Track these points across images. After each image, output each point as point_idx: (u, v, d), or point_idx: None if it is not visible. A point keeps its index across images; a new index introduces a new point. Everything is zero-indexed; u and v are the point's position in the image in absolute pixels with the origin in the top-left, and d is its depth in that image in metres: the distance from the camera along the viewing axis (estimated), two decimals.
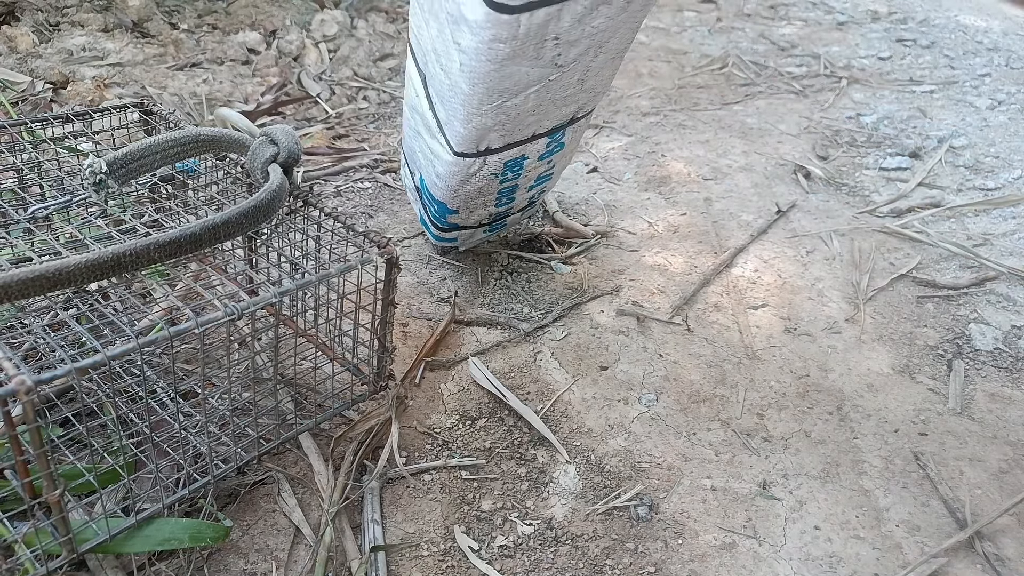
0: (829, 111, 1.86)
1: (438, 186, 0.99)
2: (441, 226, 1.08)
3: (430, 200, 1.04)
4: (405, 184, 1.15)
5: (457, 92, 0.86)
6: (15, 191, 0.79)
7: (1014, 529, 0.77)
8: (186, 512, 0.71)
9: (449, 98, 0.88)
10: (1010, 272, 1.19)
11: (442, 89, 0.88)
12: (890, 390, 0.95)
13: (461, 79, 0.84)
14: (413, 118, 1.00)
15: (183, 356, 0.87)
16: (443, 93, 0.88)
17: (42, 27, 1.78)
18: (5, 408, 0.50)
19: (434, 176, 0.99)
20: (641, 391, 0.93)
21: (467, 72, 0.83)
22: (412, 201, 1.15)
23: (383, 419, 0.83)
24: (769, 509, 0.78)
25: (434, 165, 0.97)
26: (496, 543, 0.73)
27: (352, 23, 2.15)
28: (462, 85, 0.85)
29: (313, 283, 0.67)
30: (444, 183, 0.98)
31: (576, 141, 1.05)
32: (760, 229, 1.30)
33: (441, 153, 0.95)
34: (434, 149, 0.96)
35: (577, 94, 0.91)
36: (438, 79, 0.88)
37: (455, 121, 0.89)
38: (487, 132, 0.90)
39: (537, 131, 0.94)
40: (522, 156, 0.97)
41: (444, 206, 1.02)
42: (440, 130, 0.93)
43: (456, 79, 0.85)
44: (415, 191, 1.10)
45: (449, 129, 0.91)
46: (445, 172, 0.96)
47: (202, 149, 0.76)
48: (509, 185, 1.03)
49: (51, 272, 0.54)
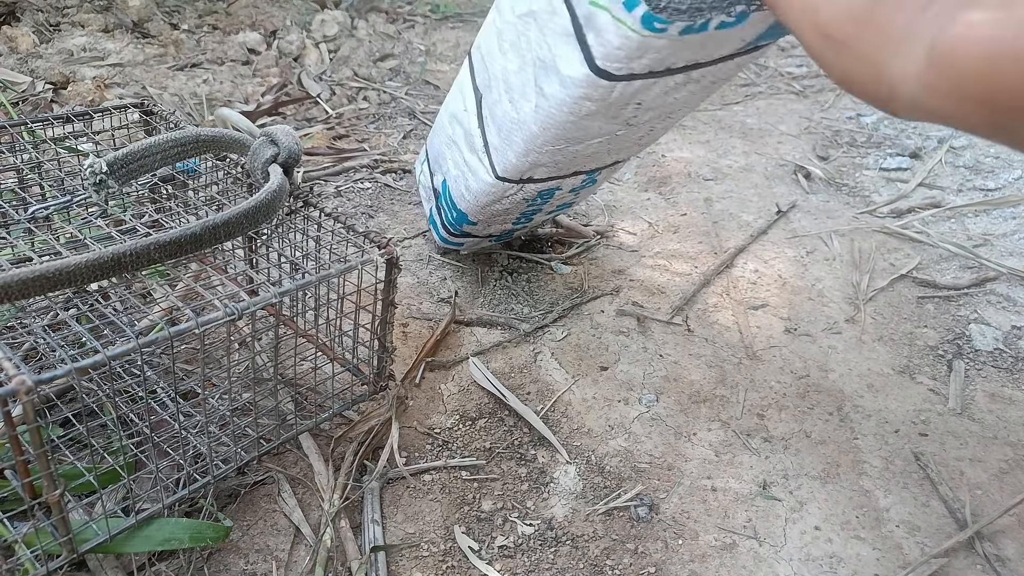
0: (829, 111, 1.87)
1: (465, 198, 0.99)
2: (454, 232, 1.08)
3: (450, 207, 1.03)
4: (419, 181, 1.14)
5: (522, 129, 0.86)
6: (15, 191, 0.79)
7: (1014, 529, 0.77)
8: (186, 512, 0.71)
9: (510, 130, 0.87)
10: (1010, 272, 1.19)
11: (504, 120, 0.87)
12: (890, 390, 0.95)
13: (532, 120, 0.84)
14: (452, 127, 0.99)
15: (183, 356, 0.87)
16: (503, 123, 0.88)
17: (42, 27, 1.78)
18: (5, 408, 0.50)
19: (463, 189, 0.98)
20: (641, 391, 0.93)
21: (542, 116, 0.82)
22: (424, 199, 1.14)
23: (383, 419, 0.83)
24: (769, 509, 0.78)
25: (467, 179, 0.97)
26: (496, 543, 0.73)
27: (352, 23, 2.15)
28: (531, 126, 0.84)
29: (313, 283, 0.67)
30: (474, 198, 0.97)
31: (605, 179, 1.06)
32: (760, 229, 1.30)
33: (480, 172, 0.94)
34: (472, 165, 0.95)
35: (631, 147, 0.93)
36: (502, 108, 0.87)
37: (509, 152, 0.89)
38: (538, 167, 0.90)
39: (580, 169, 0.94)
40: (557, 187, 0.98)
41: (465, 217, 1.02)
42: (486, 151, 0.92)
43: (526, 118, 0.84)
44: (431, 191, 1.10)
45: (498, 155, 0.91)
46: (479, 190, 0.96)
47: (202, 149, 0.76)
48: (534, 208, 1.04)
49: (51, 272, 0.54)
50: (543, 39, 0.79)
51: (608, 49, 0.73)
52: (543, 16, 0.79)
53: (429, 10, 2.42)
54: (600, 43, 0.73)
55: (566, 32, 0.76)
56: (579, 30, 0.75)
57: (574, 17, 0.75)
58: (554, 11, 0.77)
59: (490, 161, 0.92)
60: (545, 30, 0.79)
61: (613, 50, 0.73)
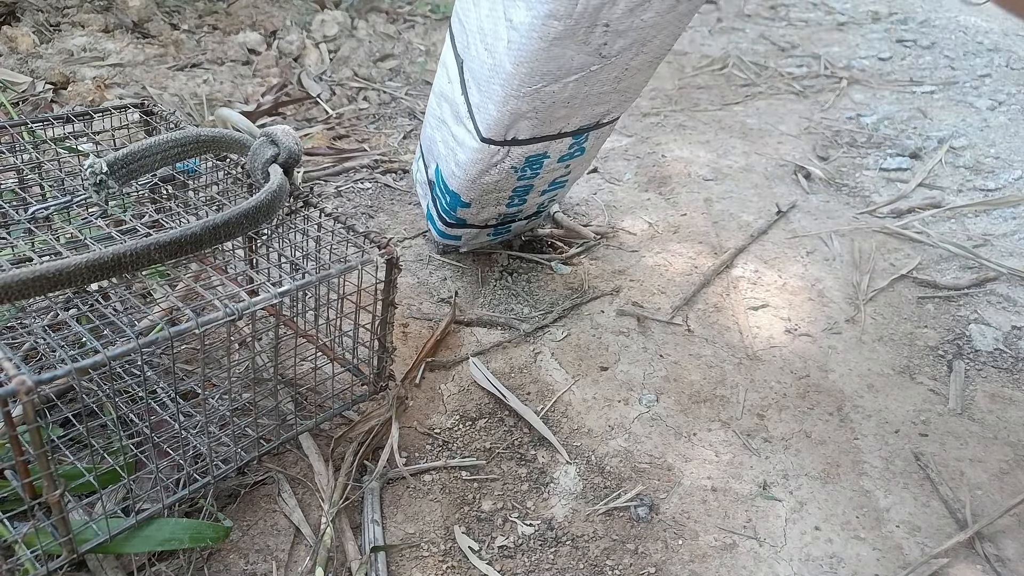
0: (829, 112, 1.87)
1: (456, 175, 1.01)
2: (449, 220, 1.08)
3: (443, 191, 1.05)
4: (415, 179, 1.16)
5: (499, 72, 0.88)
6: (16, 191, 0.79)
7: (1015, 530, 0.77)
8: (186, 512, 0.71)
9: (488, 79, 0.90)
10: (1010, 273, 1.19)
11: (482, 71, 0.90)
12: (890, 391, 0.95)
13: (506, 58, 0.86)
14: (440, 106, 1.02)
15: (183, 356, 0.87)
16: (482, 75, 0.90)
17: (43, 27, 1.78)
18: (5, 408, 0.50)
19: (453, 165, 1.00)
20: (641, 391, 0.93)
21: (514, 49, 0.85)
22: (421, 196, 1.15)
23: (383, 419, 0.83)
24: (769, 510, 0.78)
25: (455, 153, 0.99)
26: (496, 543, 0.73)
27: (352, 23, 2.15)
28: (506, 64, 0.87)
29: (313, 283, 0.67)
30: (463, 172, 0.99)
31: (596, 150, 1.07)
32: (760, 230, 1.30)
33: (466, 139, 0.96)
34: (459, 136, 0.98)
35: (611, 93, 0.93)
36: (479, 60, 0.90)
37: (490, 103, 0.91)
38: (520, 118, 0.91)
39: (564, 128, 0.96)
40: (544, 154, 0.99)
41: (458, 197, 1.03)
42: (470, 115, 0.95)
43: (500, 58, 0.87)
44: (427, 185, 1.12)
45: (481, 113, 0.93)
46: (467, 160, 0.98)
47: (202, 149, 0.76)
48: (525, 184, 1.04)
49: (52, 272, 0.54)
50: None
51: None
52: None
53: (429, 10, 2.42)
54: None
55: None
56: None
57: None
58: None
59: (475, 125, 0.94)
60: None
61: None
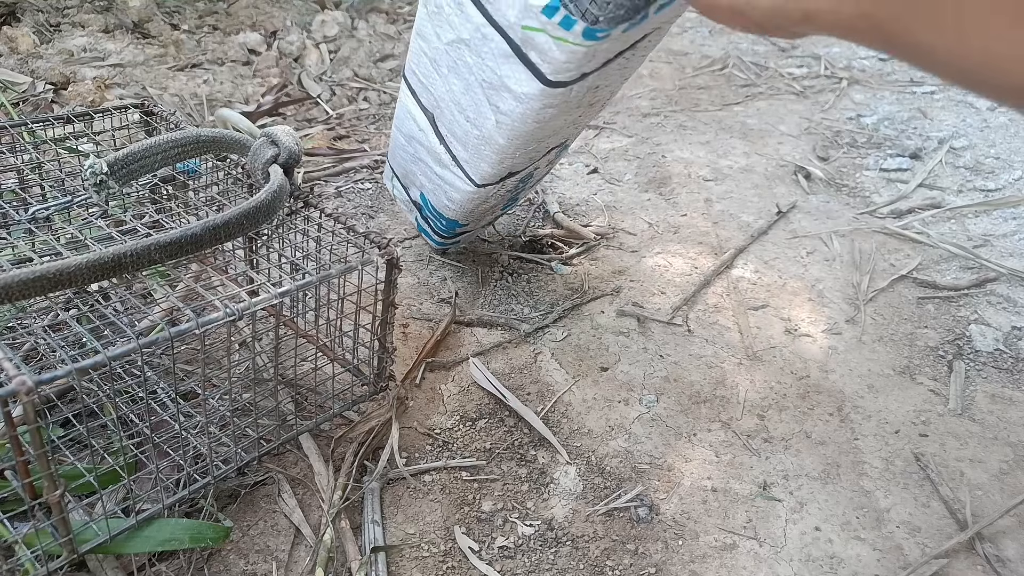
0: (829, 112, 1.87)
1: (450, 208, 0.98)
2: (447, 236, 1.08)
3: (437, 217, 1.03)
4: (394, 195, 1.12)
5: (489, 143, 0.84)
6: (16, 192, 0.79)
7: (1015, 530, 0.77)
8: (186, 513, 0.71)
9: (477, 146, 0.86)
10: (1011, 273, 1.19)
11: (468, 137, 0.86)
12: (891, 391, 0.95)
13: (497, 134, 0.82)
14: (412, 146, 0.97)
15: (184, 357, 0.87)
16: (468, 140, 0.86)
17: (43, 28, 1.78)
18: (6, 408, 0.50)
19: (445, 200, 0.97)
20: (641, 392, 0.93)
21: (506, 130, 0.81)
22: (406, 211, 1.13)
23: (383, 420, 0.83)
24: (769, 510, 0.78)
25: (446, 191, 0.96)
26: (496, 544, 0.73)
27: (353, 24, 2.15)
28: (498, 139, 0.83)
29: (314, 284, 0.67)
30: (459, 207, 0.97)
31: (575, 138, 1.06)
32: (760, 230, 1.30)
33: (457, 183, 0.93)
34: (446, 178, 0.94)
35: (597, 113, 0.93)
36: (461, 128, 0.86)
37: (482, 163, 0.88)
38: (515, 165, 0.89)
39: (552, 146, 0.94)
40: (535, 168, 0.98)
41: (455, 223, 1.02)
42: (457, 164, 0.91)
43: (490, 133, 0.83)
44: (410, 203, 1.09)
45: (471, 167, 0.89)
46: (461, 199, 0.95)
47: (203, 150, 0.77)
48: (519, 191, 1.05)
49: (52, 273, 0.54)
50: (482, 63, 0.77)
51: (556, 65, 0.72)
52: (475, 43, 0.77)
53: None
54: (546, 61, 0.72)
55: (505, 54, 0.75)
56: (518, 51, 0.73)
57: (509, 40, 0.73)
58: (485, 37, 0.75)
59: (464, 173, 0.91)
60: (482, 54, 0.77)
61: (561, 64, 0.72)
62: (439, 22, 0.79)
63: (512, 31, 0.72)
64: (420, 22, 0.84)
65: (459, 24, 0.77)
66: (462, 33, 0.77)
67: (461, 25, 0.76)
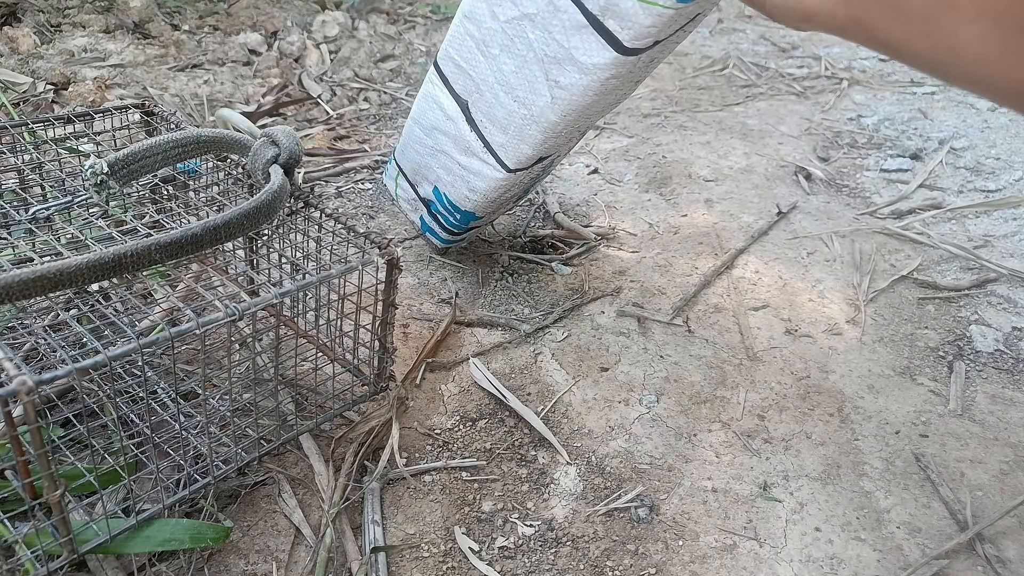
0: (830, 113, 1.87)
1: (471, 199, 0.99)
2: (457, 231, 1.08)
3: (451, 211, 1.03)
4: (396, 195, 1.12)
5: (538, 122, 0.86)
6: (16, 192, 0.79)
7: (1015, 531, 0.77)
8: (187, 513, 0.71)
9: (521, 126, 0.88)
10: (1011, 274, 1.19)
11: (511, 119, 0.88)
12: (891, 392, 0.95)
13: (550, 111, 0.85)
14: (433, 138, 0.98)
15: (184, 357, 0.87)
16: (510, 122, 0.88)
17: (43, 28, 1.78)
18: (6, 408, 0.50)
19: (466, 191, 0.98)
20: (642, 392, 0.93)
21: (562, 104, 0.84)
22: (408, 211, 1.12)
23: (384, 420, 0.83)
24: (770, 510, 0.78)
25: (468, 182, 0.97)
26: (496, 544, 0.73)
27: (353, 24, 2.16)
28: (550, 116, 0.85)
29: (314, 284, 0.67)
30: (483, 196, 0.98)
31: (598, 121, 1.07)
32: (761, 230, 1.30)
33: (485, 171, 0.94)
34: (472, 167, 0.95)
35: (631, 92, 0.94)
36: (504, 109, 0.87)
37: (523, 145, 0.89)
38: (554, 146, 0.91)
39: (589, 126, 0.95)
40: (558, 155, 0.99)
41: (472, 215, 1.02)
42: (488, 150, 0.92)
43: (542, 111, 0.85)
44: (416, 201, 1.09)
45: (508, 151, 0.91)
46: (487, 188, 0.96)
47: (203, 150, 0.77)
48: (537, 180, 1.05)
49: (52, 273, 0.54)
50: (548, 37, 0.80)
51: (638, 30, 0.75)
52: (543, 16, 0.79)
53: (430, 11, 2.42)
54: (627, 27, 0.75)
55: (578, 25, 0.77)
56: (594, 21, 0.76)
57: (585, 11, 0.76)
58: (557, 9, 0.78)
59: (496, 159, 0.92)
60: (550, 27, 0.79)
61: (644, 29, 0.74)
62: (499, 1, 0.82)
63: (591, 1, 0.75)
64: (472, 4, 0.86)
65: (526, 0, 0.80)
66: (528, 8, 0.80)
67: (529, 1, 0.80)
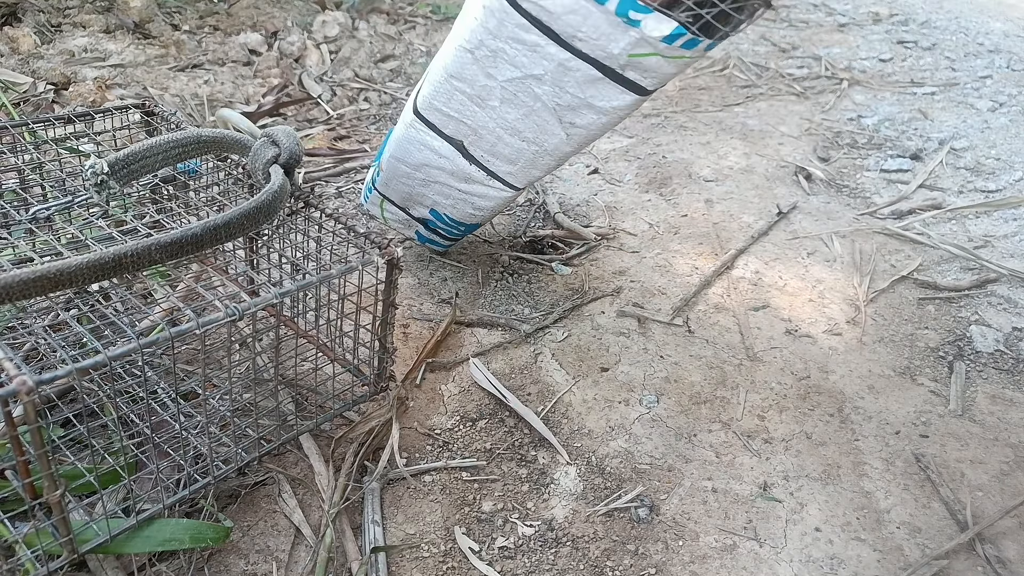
0: (830, 113, 1.87)
1: (476, 215, 1.03)
2: (457, 238, 1.11)
3: (453, 225, 1.06)
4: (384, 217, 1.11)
5: (552, 154, 0.92)
6: (17, 192, 0.79)
7: (1015, 531, 0.77)
8: (187, 513, 0.71)
9: (532, 160, 0.93)
10: (1011, 274, 1.19)
11: (521, 154, 0.93)
12: (891, 392, 0.95)
13: (565, 144, 0.91)
14: (423, 172, 0.99)
15: (184, 357, 0.87)
16: (520, 156, 0.93)
17: (44, 28, 1.78)
18: (6, 408, 0.50)
19: (471, 210, 1.02)
20: (642, 392, 0.93)
21: (578, 139, 0.90)
22: (400, 228, 1.12)
23: (384, 420, 0.83)
24: (770, 511, 0.78)
25: (472, 202, 1.00)
26: (497, 544, 0.73)
27: (353, 24, 2.16)
28: (565, 149, 0.91)
29: (314, 284, 0.67)
30: (490, 211, 1.02)
31: None
32: (761, 231, 1.30)
33: (491, 192, 0.98)
34: (474, 191, 0.99)
35: None
36: (511, 147, 0.92)
37: (535, 171, 0.95)
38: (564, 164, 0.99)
39: None
40: None
41: (477, 225, 1.07)
42: (493, 177, 0.96)
43: (556, 146, 0.91)
44: (407, 221, 1.09)
45: (518, 176, 0.96)
46: (493, 206, 1.00)
47: (203, 150, 0.77)
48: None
49: (53, 273, 0.54)
50: (560, 91, 0.86)
51: (662, 78, 0.82)
52: (553, 76, 0.85)
53: (430, 11, 2.42)
54: (650, 76, 0.82)
55: (593, 79, 0.83)
56: (612, 73, 0.82)
57: (602, 68, 0.82)
58: (568, 69, 0.83)
59: (504, 183, 0.97)
60: (560, 84, 0.85)
61: (668, 75, 0.82)
62: (493, 64, 0.86)
63: (611, 60, 0.81)
64: (459, 66, 0.89)
65: (529, 63, 0.85)
66: (533, 70, 0.85)
67: (532, 64, 0.84)
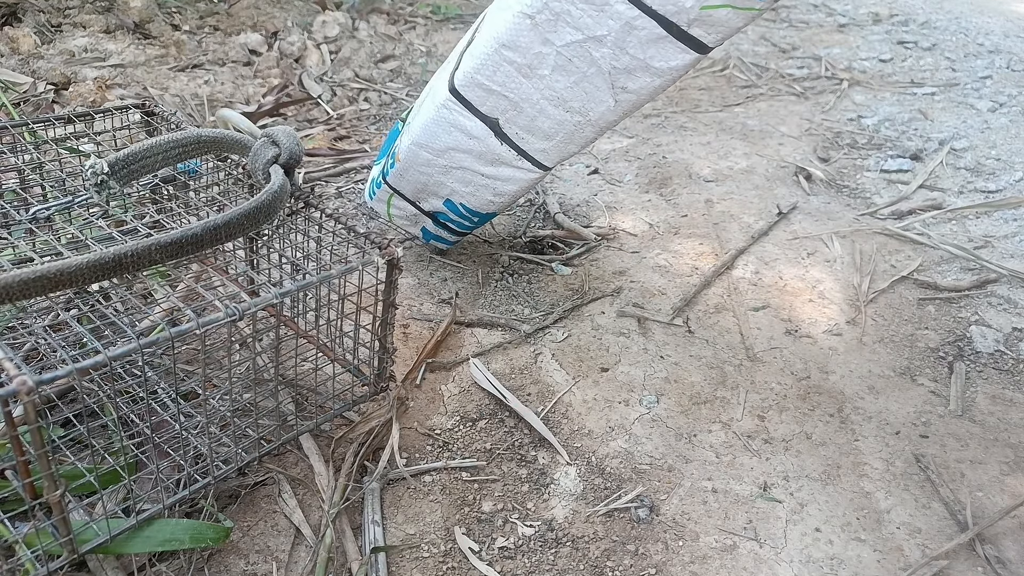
0: (830, 113, 1.87)
1: (495, 202, 1.02)
2: (466, 232, 1.11)
3: (467, 216, 1.06)
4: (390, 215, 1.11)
5: (596, 124, 0.92)
6: (17, 192, 0.79)
7: (1015, 532, 0.77)
8: (187, 513, 0.71)
9: (572, 132, 0.93)
10: (1011, 274, 1.19)
11: (561, 127, 0.92)
12: (891, 392, 0.95)
13: (611, 113, 0.90)
14: (447, 158, 0.99)
15: (184, 357, 0.87)
16: (559, 130, 0.93)
17: (44, 28, 1.78)
18: (7, 408, 0.50)
19: (491, 196, 1.01)
20: (642, 393, 0.93)
21: (626, 105, 0.89)
22: (407, 225, 1.12)
23: (384, 420, 0.83)
24: (770, 511, 0.78)
25: (495, 187, 1.00)
26: (497, 544, 0.73)
27: (354, 24, 2.16)
28: (609, 117, 0.91)
29: (314, 284, 0.67)
30: (510, 197, 1.01)
31: None
32: (761, 231, 1.30)
33: (518, 175, 0.98)
34: (499, 175, 0.98)
35: None
36: (552, 120, 0.92)
37: (571, 146, 0.94)
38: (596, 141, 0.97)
39: None
40: None
41: (491, 215, 1.06)
42: (524, 156, 0.96)
43: (602, 115, 0.90)
44: (414, 216, 1.09)
45: (551, 154, 0.96)
46: (517, 190, 1.00)
47: (204, 150, 0.77)
48: None
49: (53, 273, 0.54)
50: (620, 52, 0.86)
51: (727, 32, 0.82)
52: (615, 36, 0.85)
53: (430, 11, 2.42)
54: (715, 31, 0.82)
55: (657, 37, 0.84)
56: (675, 30, 0.82)
57: (666, 23, 0.82)
58: (633, 28, 0.83)
59: (533, 162, 0.96)
60: (622, 45, 0.85)
61: (733, 29, 0.82)
62: (554, 28, 0.86)
63: (680, 15, 0.81)
64: (513, 34, 0.88)
65: (593, 24, 0.85)
66: (596, 31, 0.85)
67: (597, 24, 0.85)
